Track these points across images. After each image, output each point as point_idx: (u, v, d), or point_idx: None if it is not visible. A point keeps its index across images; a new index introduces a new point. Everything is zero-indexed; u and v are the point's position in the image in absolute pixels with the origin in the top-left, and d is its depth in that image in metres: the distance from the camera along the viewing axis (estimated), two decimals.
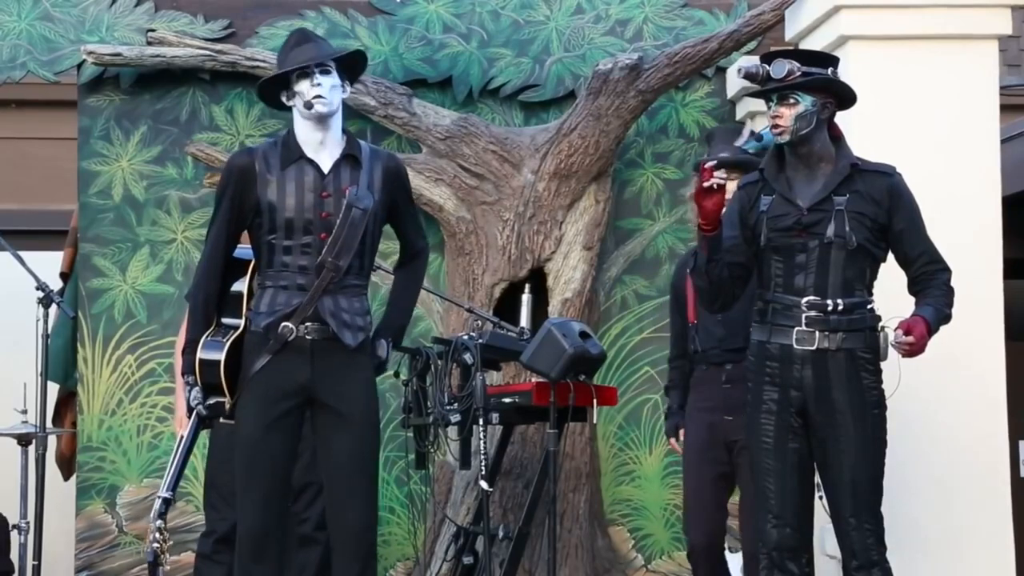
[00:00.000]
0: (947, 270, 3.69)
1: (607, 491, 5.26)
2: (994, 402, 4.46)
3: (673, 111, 5.43)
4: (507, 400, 4.46)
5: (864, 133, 4.25)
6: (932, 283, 3.68)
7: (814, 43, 4.73)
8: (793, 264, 3.63)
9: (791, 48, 3.83)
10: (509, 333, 4.59)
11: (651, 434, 5.30)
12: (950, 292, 3.69)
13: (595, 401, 4.39)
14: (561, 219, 5.18)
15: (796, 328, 3.60)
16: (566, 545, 4.99)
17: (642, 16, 5.45)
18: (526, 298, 4.94)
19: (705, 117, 5.44)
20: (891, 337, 3.58)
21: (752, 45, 5.27)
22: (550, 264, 5.19)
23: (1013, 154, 5.04)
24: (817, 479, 4.00)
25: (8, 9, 5.30)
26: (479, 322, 4.64)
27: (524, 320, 4.84)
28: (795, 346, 3.60)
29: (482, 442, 4.30)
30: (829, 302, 3.59)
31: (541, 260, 5.18)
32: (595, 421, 4.61)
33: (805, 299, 3.60)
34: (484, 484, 4.29)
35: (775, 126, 3.64)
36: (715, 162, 3.62)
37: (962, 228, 4.43)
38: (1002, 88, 4.64)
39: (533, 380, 4.50)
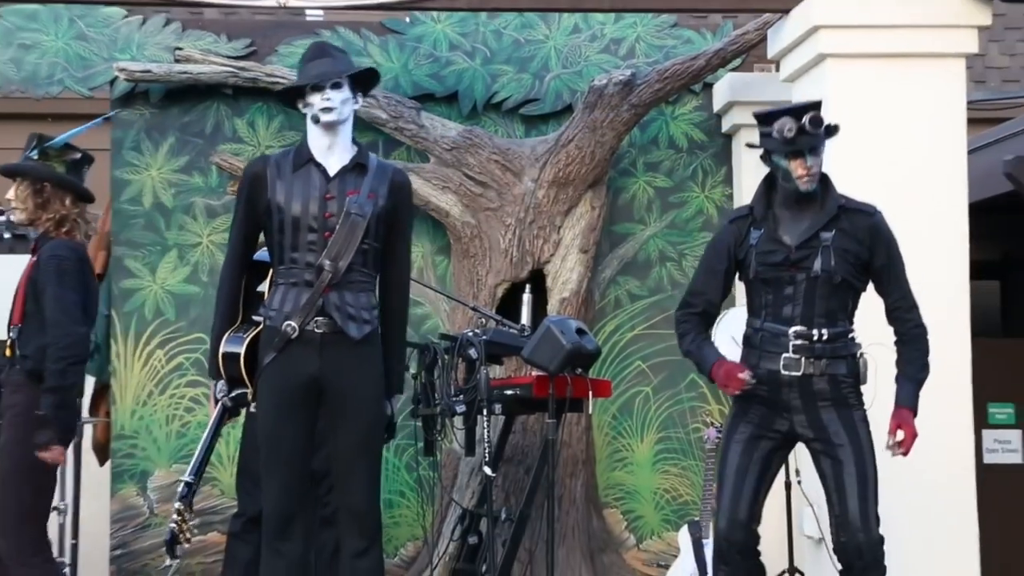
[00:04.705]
0: (916, 307, 3.66)
1: (602, 476, 5.26)
2: (960, 395, 4.45)
3: (663, 124, 5.43)
4: (509, 392, 4.46)
5: (841, 144, 4.12)
6: (908, 335, 3.63)
7: (794, 61, 4.75)
8: (782, 295, 3.60)
9: (786, 105, 3.68)
10: (511, 330, 4.58)
11: (643, 423, 5.30)
12: (924, 345, 3.64)
13: (591, 393, 4.38)
14: (559, 224, 5.17)
15: (784, 355, 3.57)
16: (564, 526, 5.00)
17: (635, 35, 5.45)
18: (527, 297, 4.92)
19: (693, 129, 5.43)
20: (870, 364, 3.58)
21: (737, 62, 5.28)
22: (549, 266, 5.18)
23: (979, 164, 5.00)
24: (796, 465, 3.97)
25: (46, 29, 5.31)
26: (483, 320, 4.65)
27: (525, 318, 4.83)
28: (782, 371, 3.57)
29: (486, 431, 4.30)
30: (815, 332, 3.56)
31: (541, 262, 5.17)
32: (591, 412, 4.62)
33: (792, 328, 3.57)
34: (488, 470, 4.28)
35: (808, 177, 3.56)
36: (752, 377, 3.56)
37: (932, 233, 4.43)
38: (969, 103, 4.64)
39: (533, 374, 4.46)
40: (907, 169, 4.47)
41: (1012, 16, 7.97)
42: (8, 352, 3.98)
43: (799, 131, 3.54)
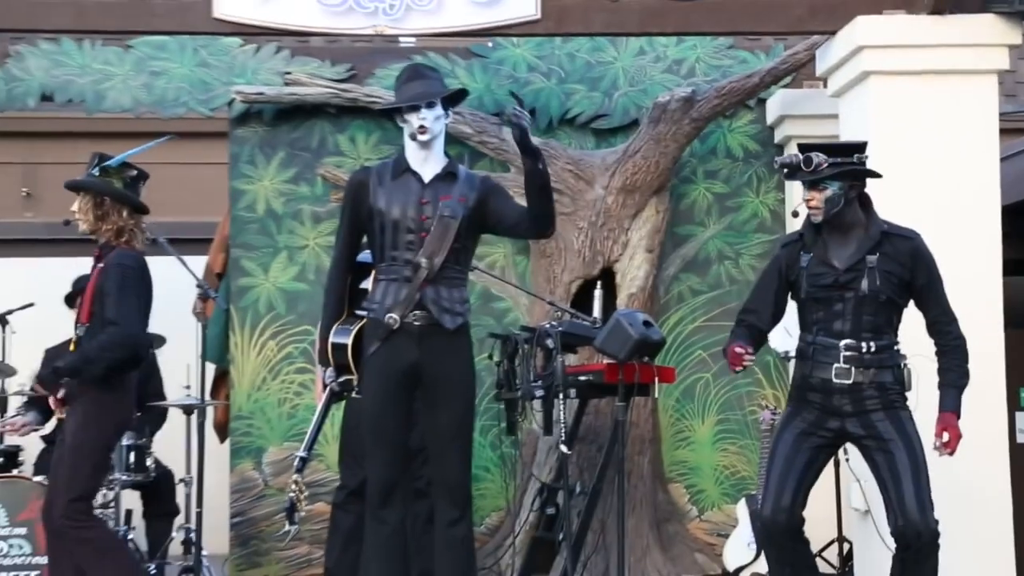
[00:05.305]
0: (955, 321, 3.77)
1: (667, 454, 5.41)
2: (995, 380, 4.52)
3: (721, 136, 5.57)
4: (583, 378, 4.58)
5: (884, 154, 4.35)
6: (948, 346, 3.74)
7: (841, 78, 4.83)
8: (832, 312, 3.71)
9: (823, 143, 3.75)
10: (584, 322, 4.69)
11: (703, 406, 5.46)
12: (964, 355, 3.74)
13: (656, 379, 4.50)
14: (627, 227, 5.33)
15: (835, 365, 3.67)
16: (632, 499, 5.14)
17: (695, 56, 5.60)
18: (598, 293, 5.08)
19: (749, 141, 5.59)
20: (914, 374, 3.72)
21: (788, 80, 5.43)
22: (618, 264, 5.34)
23: (1010, 171, 5.01)
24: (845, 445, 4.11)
25: (173, 58, 5.57)
26: (559, 313, 4.73)
27: (596, 311, 4.95)
28: (834, 380, 3.67)
29: (562, 413, 4.38)
30: (863, 344, 3.68)
31: (610, 261, 5.32)
32: (656, 395, 4.74)
33: (843, 342, 3.68)
34: (564, 448, 4.37)
35: (812, 210, 3.70)
36: (748, 352, 3.66)
37: (967, 233, 4.56)
38: (1001, 114, 4.68)
39: (604, 361, 4.60)
40: (945, 176, 4.59)
41: None
42: (73, 348, 4.13)
43: (797, 166, 3.67)
